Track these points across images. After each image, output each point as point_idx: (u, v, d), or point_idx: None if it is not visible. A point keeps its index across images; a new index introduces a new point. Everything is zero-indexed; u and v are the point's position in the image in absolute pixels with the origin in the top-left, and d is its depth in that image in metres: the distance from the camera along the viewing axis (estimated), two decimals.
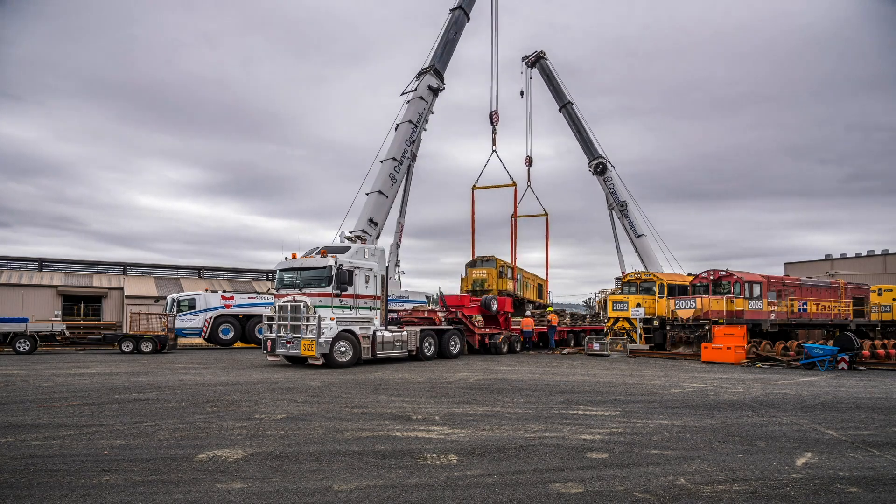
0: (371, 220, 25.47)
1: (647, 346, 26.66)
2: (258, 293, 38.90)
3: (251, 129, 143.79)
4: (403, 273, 32.67)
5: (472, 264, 32.62)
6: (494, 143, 35.94)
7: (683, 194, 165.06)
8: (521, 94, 39.12)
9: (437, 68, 29.10)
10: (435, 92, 28.98)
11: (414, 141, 27.85)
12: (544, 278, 37.29)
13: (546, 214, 39.88)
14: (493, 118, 35.35)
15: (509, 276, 32.02)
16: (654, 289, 27.90)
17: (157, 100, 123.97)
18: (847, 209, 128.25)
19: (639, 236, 38.06)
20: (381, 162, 26.95)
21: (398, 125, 27.97)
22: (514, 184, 35.64)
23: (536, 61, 39.49)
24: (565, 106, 39.70)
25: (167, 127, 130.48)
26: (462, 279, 32.69)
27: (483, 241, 54.84)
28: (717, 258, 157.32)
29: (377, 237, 25.56)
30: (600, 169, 39.14)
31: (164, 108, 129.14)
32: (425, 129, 29.00)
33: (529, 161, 39.22)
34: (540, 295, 36.48)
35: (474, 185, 36.49)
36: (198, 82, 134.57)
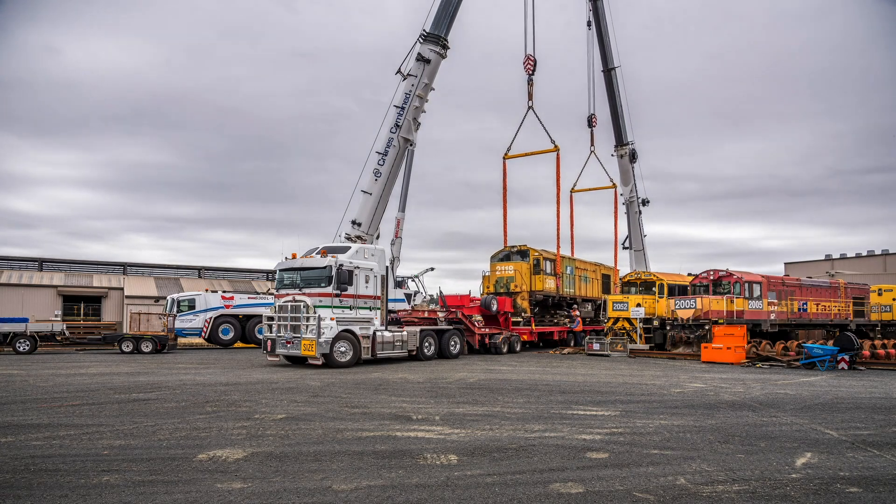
0: (354, 222, 24.40)
1: (647, 346, 26.67)
2: (258, 293, 38.91)
3: None
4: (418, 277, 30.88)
5: (497, 258, 27.94)
6: (530, 99, 29.13)
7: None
8: (589, 24, 33.18)
9: (433, 34, 25.39)
10: (427, 61, 25.14)
11: (400, 126, 24.87)
12: (612, 267, 31.68)
13: (614, 186, 34.93)
14: (527, 65, 28.88)
15: (549, 270, 27.40)
16: (654, 289, 27.92)
17: None
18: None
19: (644, 236, 38.13)
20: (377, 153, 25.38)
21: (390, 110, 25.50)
22: (557, 148, 29.43)
23: None
24: (609, 71, 34.19)
25: None
26: (484, 277, 27.83)
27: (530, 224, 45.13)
28: (717, 258, 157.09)
29: (377, 237, 25.28)
30: (636, 157, 35.39)
31: None
32: (424, 111, 25.80)
33: (593, 121, 32.90)
34: (606, 289, 31.17)
35: (506, 154, 30.54)
36: None
